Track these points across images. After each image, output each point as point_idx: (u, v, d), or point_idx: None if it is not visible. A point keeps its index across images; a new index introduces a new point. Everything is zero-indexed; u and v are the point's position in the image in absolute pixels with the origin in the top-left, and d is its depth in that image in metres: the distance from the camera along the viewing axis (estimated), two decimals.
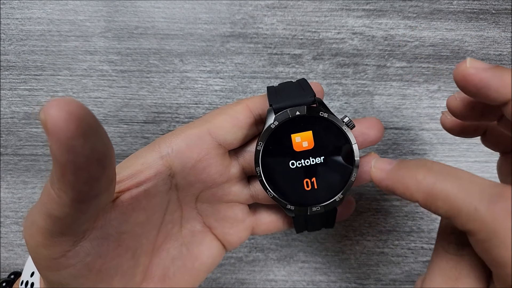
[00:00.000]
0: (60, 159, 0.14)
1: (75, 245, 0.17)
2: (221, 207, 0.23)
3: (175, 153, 0.20)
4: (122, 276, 0.20)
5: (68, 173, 0.14)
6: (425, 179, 0.16)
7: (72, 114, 0.13)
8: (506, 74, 0.16)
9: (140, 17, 0.31)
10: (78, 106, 0.13)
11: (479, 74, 0.16)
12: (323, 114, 0.20)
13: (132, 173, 0.20)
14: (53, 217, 0.16)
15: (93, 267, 0.18)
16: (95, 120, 0.14)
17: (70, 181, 0.14)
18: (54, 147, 0.13)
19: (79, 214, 0.16)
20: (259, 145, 0.21)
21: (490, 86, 0.16)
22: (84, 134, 0.13)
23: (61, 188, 0.15)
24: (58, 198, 0.15)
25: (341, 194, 0.21)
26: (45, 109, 0.13)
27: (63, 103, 0.13)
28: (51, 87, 0.31)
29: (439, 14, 0.31)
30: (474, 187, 0.15)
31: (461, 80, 0.17)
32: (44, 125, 0.13)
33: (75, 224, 0.16)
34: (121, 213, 0.19)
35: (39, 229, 0.16)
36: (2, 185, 0.31)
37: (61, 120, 0.13)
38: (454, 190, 0.16)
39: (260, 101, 0.22)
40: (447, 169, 0.17)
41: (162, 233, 0.22)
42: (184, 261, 0.22)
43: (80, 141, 0.13)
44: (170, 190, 0.21)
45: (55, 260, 0.17)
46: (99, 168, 0.15)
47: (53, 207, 0.15)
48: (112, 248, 0.19)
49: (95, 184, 0.15)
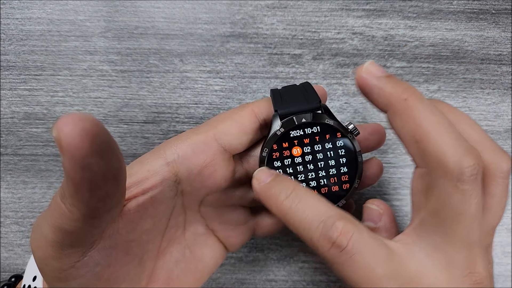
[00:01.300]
0: (74, 177, 0.13)
1: (84, 255, 0.17)
2: (224, 211, 0.23)
3: (181, 159, 0.20)
4: (129, 283, 0.20)
5: (83, 190, 0.14)
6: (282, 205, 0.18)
7: (87, 131, 0.13)
8: (389, 86, 0.18)
9: (140, 17, 0.31)
10: (92, 122, 0.13)
11: (368, 80, 0.18)
12: (329, 121, 0.20)
13: (138, 180, 0.19)
14: (64, 231, 0.15)
15: (102, 276, 0.18)
16: (109, 136, 0.14)
17: (84, 198, 0.14)
18: (68, 165, 0.13)
19: (91, 228, 0.16)
20: (264, 152, 0.21)
21: (372, 93, 0.18)
22: (99, 152, 0.13)
23: (73, 204, 0.14)
24: (70, 213, 0.15)
25: (344, 200, 0.21)
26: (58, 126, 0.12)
27: (77, 119, 0.13)
28: (51, 87, 0.31)
29: (439, 14, 0.31)
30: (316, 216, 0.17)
31: (356, 81, 0.19)
32: (58, 142, 0.13)
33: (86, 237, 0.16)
34: (129, 221, 0.19)
35: (49, 242, 0.16)
36: (2, 185, 0.31)
37: (75, 138, 0.12)
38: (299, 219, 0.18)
39: (265, 105, 0.22)
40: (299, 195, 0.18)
41: (166, 237, 0.22)
42: (187, 263, 0.22)
43: (96, 159, 0.13)
44: (176, 196, 0.21)
45: (64, 271, 0.17)
46: (114, 185, 0.15)
47: (64, 221, 0.15)
48: (120, 257, 0.19)
49: (109, 200, 0.15)
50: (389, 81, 0.18)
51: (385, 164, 0.30)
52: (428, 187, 0.17)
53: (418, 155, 0.17)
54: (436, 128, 0.16)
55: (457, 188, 0.16)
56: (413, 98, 0.17)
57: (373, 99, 0.18)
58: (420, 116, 0.17)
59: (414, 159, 0.18)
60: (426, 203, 0.17)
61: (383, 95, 0.18)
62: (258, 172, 0.20)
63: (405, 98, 0.17)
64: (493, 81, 0.31)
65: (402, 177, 0.30)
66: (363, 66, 0.18)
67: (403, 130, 0.17)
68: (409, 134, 0.17)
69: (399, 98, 0.17)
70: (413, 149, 0.17)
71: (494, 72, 0.31)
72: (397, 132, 0.18)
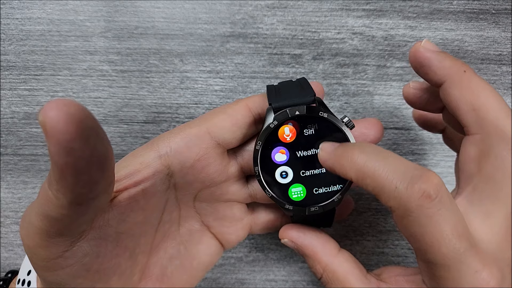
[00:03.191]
0: (59, 162, 0.13)
1: (72, 245, 0.17)
2: (219, 206, 0.23)
3: (174, 152, 0.20)
4: (120, 276, 0.20)
5: (68, 175, 0.14)
6: (358, 159, 0.18)
7: (72, 116, 0.13)
8: (448, 60, 0.19)
9: (140, 17, 0.31)
10: (77, 107, 0.13)
11: (426, 53, 0.19)
12: (323, 114, 0.20)
13: (130, 172, 0.20)
14: (50, 218, 0.15)
15: (91, 267, 0.18)
16: (95, 121, 0.14)
17: (69, 183, 0.14)
18: (53, 149, 0.13)
19: (77, 215, 0.16)
20: (258, 145, 0.21)
21: (430, 66, 0.19)
22: (84, 137, 0.13)
23: (59, 190, 0.14)
24: (56, 199, 0.15)
25: (340, 195, 0.21)
26: (44, 110, 0.13)
27: (62, 104, 0.13)
28: (51, 87, 0.31)
29: (439, 14, 0.31)
30: (399, 168, 0.17)
31: (411, 56, 0.20)
32: (43, 127, 0.13)
33: (73, 225, 0.16)
34: (119, 213, 0.19)
35: (36, 229, 0.16)
36: (2, 185, 0.31)
37: (60, 122, 0.12)
38: (380, 169, 0.17)
39: (260, 100, 0.22)
40: (378, 151, 0.18)
41: (160, 232, 0.22)
42: (182, 260, 0.22)
43: (80, 143, 0.13)
44: (168, 190, 0.21)
45: (52, 260, 0.17)
46: (99, 171, 0.15)
47: (50, 208, 0.15)
48: (110, 248, 0.19)
49: (95, 186, 0.15)
50: (447, 55, 0.19)
51: None
52: (482, 153, 0.18)
53: (474, 122, 0.18)
54: (494, 98, 0.18)
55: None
56: (471, 71, 0.18)
57: (431, 71, 0.19)
58: (478, 87, 0.18)
59: (469, 127, 0.18)
60: (479, 169, 0.18)
61: (442, 67, 0.19)
62: (323, 144, 0.20)
63: (465, 70, 0.18)
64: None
65: None
66: (420, 42, 0.19)
67: (462, 98, 0.18)
68: (467, 102, 0.18)
69: (459, 70, 0.18)
70: (470, 116, 0.18)
71: (494, 72, 0.31)
72: (453, 102, 0.19)
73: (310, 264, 0.21)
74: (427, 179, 0.16)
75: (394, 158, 0.17)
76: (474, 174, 0.18)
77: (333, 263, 0.20)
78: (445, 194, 0.16)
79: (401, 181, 0.16)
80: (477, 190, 0.18)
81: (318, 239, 0.21)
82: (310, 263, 0.21)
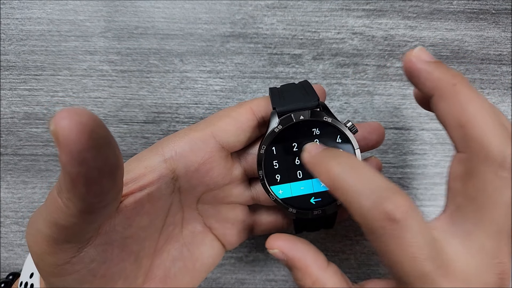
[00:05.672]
0: (71, 171, 0.13)
1: (79, 251, 0.17)
2: (222, 208, 0.23)
3: (179, 156, 0.20)
4: (125, 280, 0.20)
5: (79, 185, 0.14)
6: (332, 169, 0.17)
7: (84, 125, 0.12)
8: (438, 71, 0.18)
9: (140, 17, 0.31)
10: (89, 116, 0.13)
11: (416, 64, 0.18)
12: (327, 119, 0.20)
13: (135, 177, 0.19)
14: (59, 226, 0.15)
15: (98, 272, 0.18)
16: (106, 130, 0.14)
17: (80, 193, 0.14)
18: (65, 159, 0.13)
19: (86, 223, 0.16)
20: (262, 149, 0.21)
21: (419, 77, 0.18)
22: (96, 146, 0.13)
23: (70, 199, 0.14)
24: (66, 208, 0.15)
25: None
26: (56, 120, 0.12)
27: (74, 113, 0.12)
28: (51, 87, 0.31)
29: (439, 14, 0.31)
30: (369, 186, 0.16)
31: (403, 65, 0.19)
32: (55, 136, 0.12)
33: (81, 233, 0.16)
34: (125, 218, 0.19)
35: (44, 236, 0.16)
36: (2, 185, 0.31)
37: (72, 132, 0.12)
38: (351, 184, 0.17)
39: (264, 103, 0.22)
40: (353, 164, 0.17)
41: (164, 234, 0.22)
42: (185, 261, 0.22)
43: (92, 153, 0.13)
44: (173, 193, 0.21)
45: (59, 266, 0.17)
46: (110, 180, 0.15)
47: (60, 216, 0.15)
48: (116, 253, 0.19)
49: (106, 196, 0.15)
50: (438, 66, 0.18)
51: (384, 164, 0.30)
52: (467, 172, 0.17)
53: (461, 139, 0.17)
54: (482, 113, 0.17)
55: (497, 175, 0.16)
56: (461, 84, 0.17)
57: (420, 82, 0.18)
58: (467, 101, 0.17)
59: (456, 144, 0.18)
60: (463, 189, 0.17)
61: (431, 79, 0.18)
62: (309, 145, 0.20)
63: (454, 83, 0.17)
64: (493, 81, 0.31)
65: (402, 177, 0.30)
66: (412, 50, 0.18)
67: (449, 114, 0.17)
68: (454, 118, 0.17)
69: (448, 83, 0.17)
70: (456, 133, 0.17)
71: (494, 72, 0.31)
72: (441, 117, 0.18)
73: (299, 277, 0.20)
74: (394, 202, 0.16)
75: (368, 175, 0.17)
76: (459, 193, 0.18)
77: (323, 277, 0.20)
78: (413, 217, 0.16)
79: (368, 200, 0.16)
80: (460, 209, 0.17)
81: (309, 252, 0.20)
82: (298, 276, 0.20)
